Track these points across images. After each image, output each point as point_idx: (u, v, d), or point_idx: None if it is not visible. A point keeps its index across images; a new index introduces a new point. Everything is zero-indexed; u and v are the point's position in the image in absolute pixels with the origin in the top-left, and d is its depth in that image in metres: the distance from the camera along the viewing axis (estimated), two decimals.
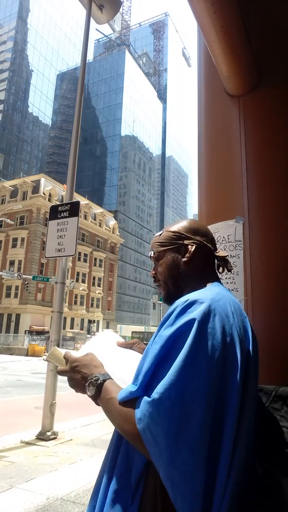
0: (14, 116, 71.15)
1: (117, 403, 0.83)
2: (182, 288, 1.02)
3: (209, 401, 0.74)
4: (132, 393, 0.80)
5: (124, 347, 1.12)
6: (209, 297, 0.84)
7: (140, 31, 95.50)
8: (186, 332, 0.78)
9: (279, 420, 1.07)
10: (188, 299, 0.83)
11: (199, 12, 1.48)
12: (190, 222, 1.09)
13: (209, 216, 1.90)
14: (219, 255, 1.06)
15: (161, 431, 0.72)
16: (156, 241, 1.09)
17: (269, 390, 1.18)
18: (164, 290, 1.06)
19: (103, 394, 0.87)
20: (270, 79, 1.76)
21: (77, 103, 6.49)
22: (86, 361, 0.95)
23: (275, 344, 1.54)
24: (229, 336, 0.80)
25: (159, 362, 0.78)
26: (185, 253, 1.02)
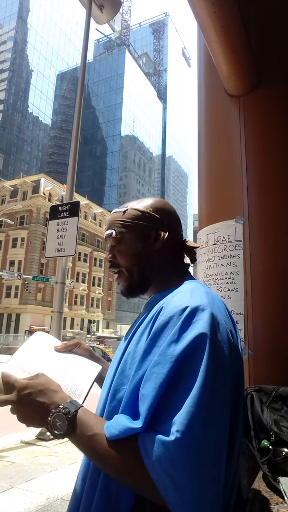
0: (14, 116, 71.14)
1: (106, 441, 0.65)
2: (150, 279, 0.88)
3: (227, 426, 0.65)
4: (133, 430, 0.64)
5: (64, 351, 0.95)
6: (205, 301, 0.71)
7: (140, 31, 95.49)
8: (198, 349, 0.64)
9: (279, 420, 1.07)
10: (188, 306, 0.69)
11: (199, 12, 1.48)
12: (161, 202, 0.93)
13: (209, 216, 1.90)
14: (190, 246, 0.92)
15: (185, 474, 0.59)
16: (119, 220, 0.90)
17: (269, 390, 1.18)
18: (126, 280, 0.89)
19: (80, 431, 0.68)
20: (270, 79, 1.76)
21: (77, 103, 6.49)
22: (41, 386, 0.73)
23: (275, 344, 1.55)
24: (231, 346, 0.71)
25: (170, 388, 0.64)
26: (155, 239, 0.87)
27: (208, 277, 1.80)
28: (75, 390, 0.79)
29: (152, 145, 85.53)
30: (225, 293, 1.68)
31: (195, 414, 0.60)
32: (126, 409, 0.70)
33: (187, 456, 0.59)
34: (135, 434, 0.64)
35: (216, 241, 1.77)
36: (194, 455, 0.59)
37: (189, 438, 0.59)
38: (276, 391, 1.17)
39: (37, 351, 0.91)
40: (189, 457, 0.59)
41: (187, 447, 0.59)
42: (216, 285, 1.73)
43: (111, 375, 0.78)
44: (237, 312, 1.63)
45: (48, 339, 0.98)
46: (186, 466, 0.59)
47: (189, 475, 0.58)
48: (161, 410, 0.63)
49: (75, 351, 0.97)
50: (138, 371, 0.69)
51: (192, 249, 0.93)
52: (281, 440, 1.01)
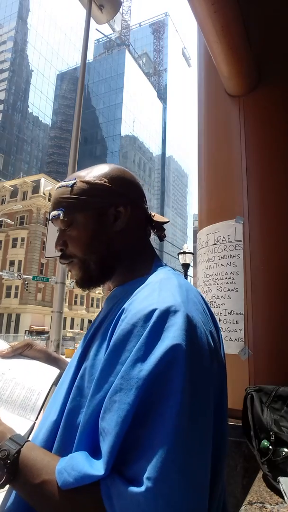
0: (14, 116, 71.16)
1: (57, 490, 0.49)
2: (112, 269, 0.72)
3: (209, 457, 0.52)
4: (94, 478, 0.48)
5: (10, 356, 0.80)
6: (178, 299, 0.56)
7: (140, 31, 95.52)
8: (171, 366, 0.50)
9: (279, 420, 1.07)
10: (155, 309, 0.54)
11: (199, 12, 1.48)
12: (119, 170, 0.73)
13: (209, 216, 1.90)
14: (158, 221, 0.75)
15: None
16: (66, 197, 0.70)
17: (269, 390, 1.18)
18: (81, 270, 0.71)
19: (24, 478, 0.51)
20: (270, 79, 1.76)
21: (77, 103, 6.49)
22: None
23: (275, 344, 1.55)
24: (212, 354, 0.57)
25: (137, 421, 0.49)
26: (116, 218, 0.70)
27: (208, 277, 1.80)
28: (26, 406, 0.67)
29: (152, 145, 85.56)
30: (225, 293, 1.68)
31: (171, 454, 0.46)
32: (83, 442, 0.54)
33: (164, 507, 0.45)
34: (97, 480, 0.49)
35: (216, 241, 1.77)
36: (172, 507, 0.45)
37: (164, 487, 0.45)
38: (276, 391, 1.17)
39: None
40: (166, 508, 0.45)
41: (163, 497, 0.45)
42: (216, 285, 1.73)
43: (65, 389, 0.63)
44: (237, 312, 1.63)
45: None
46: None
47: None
48: (128, 448, 0.49)
49: (26, 354, 0.82)
50: (96, 395, 0.54)
51: (160, 225, 0.76)
52: (281, 440, 1.01)
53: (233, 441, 1.37)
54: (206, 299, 1.76)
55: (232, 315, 1.64)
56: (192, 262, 12.93)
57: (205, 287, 1.81)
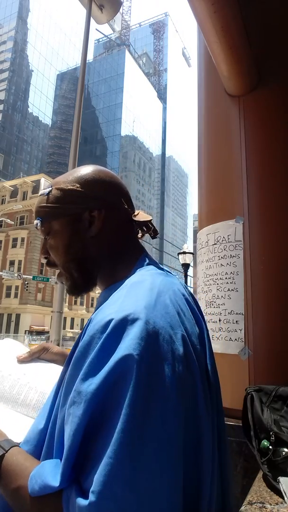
0: (14, 116, 71.18)
1: (28, 497, 0.51)
2: (92, 274, 0.70)
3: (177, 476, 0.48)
4: (50, 488, 0.49)
5: (28, 361, 0.82)
6: (141, 304, 0.54)
7: (140, 31, 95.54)
8: (122, 379, 0.48)
9: (279, 420, 1.07)
10: (112, 319, 0.52)
11: (199, 12, 1.48)
12: (94, 171, 0.71)
13: (209, 216, 1.90)
14: (139, 221, 0.72)
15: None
16: (42, 205, 0.70)
17: (269, 390, 1.18)
18: (66, 279, 0.71)
19: (5, 481, 0.54)
20: (270, 79, 1.76)
21: (77, 103, 6.49)
22: None
23: (275, 344, 1.55)
24: (181, 362, 0.53)
25: (88, 435, 0.49)
26: (90, 223, 0.68)
27: (208, 277, 1.80)
28: (39, 409, 0.69)
29: (152, 145, 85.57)
30: (225, 293, 1.68)
31: (114, 468, 0.44)
32: (58, 450, 0.55)
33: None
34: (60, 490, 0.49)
35: (216, 241, 1.77)
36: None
37: (108, 502, 0.44)
38: (276, 391, 1.17)
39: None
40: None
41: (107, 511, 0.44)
42: (216, 285, 1.73)
43: (52, 396, 0.63)
44: (237, 312, 1.63)
45: (11, 348, 0.85)
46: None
47: None
48: (83, 461, 0.49)
49: (43, 357, 0.83)
50: (63, 407, 0.55)
51: (144, 223, 0.72)
52: (281, 440, 1.01)
53: (233, 441, 1.37)
54: (206, 299, 1.76)
55: (232, 315, 1.64)
56: (192, 262, 12.94)
57: (205, 287, 1.81)
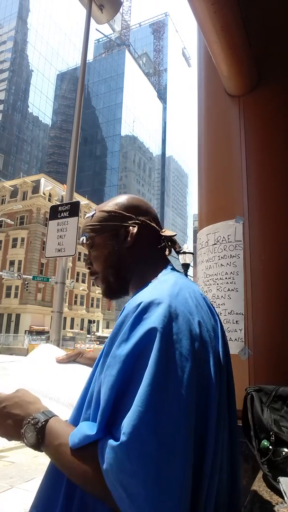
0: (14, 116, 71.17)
1: (69, 450, 0.62)
2: (126, 279, 0.85)
3: (190, 427, 0.59)
4: (90, 437, 0.60)
5: (66, 362, 0.95)
6: (165, 293, 0.67)
7: (140, 31, 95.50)
8: (147, 346, 0.60)
9: (279, 420, 1.07)
10: (141, 302, 0.65)
11: (199, 12, 1.48)
12: (129, 198, 0.90)
13: (209, 216, 1.90)
14: (166, 235, 0.87)
15: (138, 482, 0.54)
16: (88, 225, 0.88)
17: (269, 390, 1.18)
18: (103, 283, 0.87)
19: (48, 441, 0.65)
20: (270, 79, 1.76)
21: (77, 103, 6.49)
22: (17, 399, 0.73)
23: (275, 344, 1.55)
24: (197, 340, 0.65)
25: (121, 391, 0.60)
26: (126, 237, 0.84)
27: (208, 277, 1.80)
28: (71, 404, 0.77)
29: (152, 145, 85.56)
30: (225, 293, 1.68)
31: (142, 415, 0.55)
32: (94, 415, 0.65)
33: (136, 461, 0.54)
34: (96, 440, 0.60)
35: (216, 241, 1.77)
36: (144, 461, 0.54)
37: (135, 441, 0.54)
38: (276, 391, 1.17)
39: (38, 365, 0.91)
40: (138, 462, 0.54)
41: (135, 451, 0.54)
42: (216, 285, 1.73)
43: (89, 379, 0.73)
44: (237, 312, 1.63)
45: (51, 351, 0.98)
46: (136, 472, 0.54)
47: (142, 483, 0.54)
48: (115, 413, 0.60)
49: (78, 361, 0.97)
50: (100, 375, 0.66)
51: (169, 238, 0.88)
52: (281, 440, 1.01)
53: None
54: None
55: (232, 315, 1.63)
56: (192, 262, 12.93)
57: (205, 287, 1.81)
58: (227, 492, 0.70)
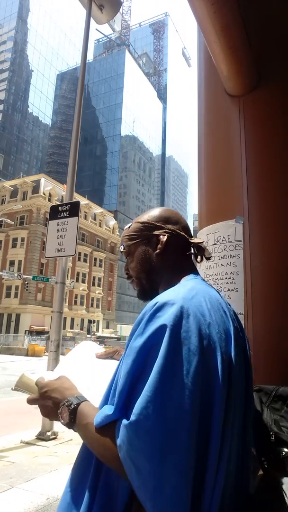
0: (14, 116, 71.18)
1: (94, 429, 0.73)
2: (156, 282, 0.96)
3: (194, 414, 0.66)
4: (109, 417, 0.71)
5: (104, 357, 1.06)
6: (180, 296, 0.76)
7: (140, 31, 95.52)
8: (158, 340, 0.69)
9: (279, 420, 1.07)
10: (157, 302, 0.75)
11: (199, 12, 1.48)
12: (161, 210, 1.01)
13: (209, 216, 1.90)
14: (193, 242, 0.97)
15: (143, 457, 0.63)
16: (125, 235, 1.01)
17: (269, 390, 1.18)
18: (137, 286, 0.99)
19: (78, 420, 0.77)
20: (270, 79, 1.76)
21: (77, 103, 6.49)
22: (56, 385, 0.86)
23: (275, 344, 1.55)
24: (206, 339, 0.72)
25: (135, 377, 0.70)
26: (156, 245, 0.94)
27: (208, 277, 1.80)
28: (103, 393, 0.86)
29: (152, 145, 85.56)
30: (225, 293, 1.68)
31: (150, 398, 0.64)
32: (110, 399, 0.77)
33: (143, 438, 0.63)
34: (115, 420, 0.70)
35: (216, 241, 1.77)
36: (149, 438, 0.63)
37: (143, 421, 0.64)
38: (276, 391, 1.17)
39: (79, 358, 1.03)
40: (144, 439, 0.63)
41: (142, 429, 0.64)
42: (216, 285, 1.73)
43: (115, 372, 0.82)
44: (237, 312, 1.63)
45: (92, 347, 1.10)
46: (143, 448, 0.63)
47: (147, 458, 0.63)
48: (131, 398, 0.69)
49: (115, 358, 1.07)
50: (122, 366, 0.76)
51: (196, 245, 0.97)
52: (281, 440, 1.01)
53: None
54: None
55: None
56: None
57: None
58: (235, 479, 0.76)
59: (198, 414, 0.67)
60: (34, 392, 0.89)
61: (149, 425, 0.64)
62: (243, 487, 0.80)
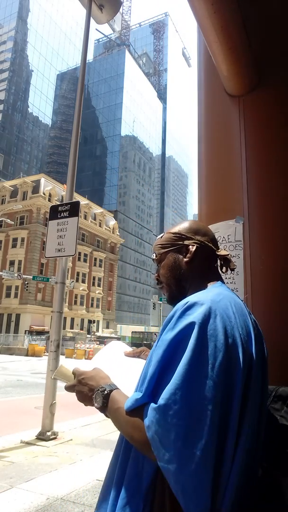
0: (14, 116, 71.17)
1: (124, 412, 0.81)
2: (185, 288, 1.02)
3: (216, 403, 0.73)
4: (138, 401, 0.79)
5: (132, 356, 1.13)
6: (209, 298, 0.83)
7: (140, 31, 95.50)
8: (187, 335, 0.77)
9: (279, 420, 1.07)
10: (188, 302, 0.83)
11: (199, 12, 1.48)
12: (191, 223, 1.09)
13: (209, 216, 1.90)
14: (220, 254, 1.05)
15: (170, 437, 0.71)
16: (158, 244, 1.10)
17: (269, 390, 1.18)
18: (167, 291, 1.07)
19: (110, 405, 0.86)
20: (270, 79, 1.76)
21: (77, 103, 6.49)
22: (92, 373, 0.96)
23: (275, 344, 1.54)
24: (231, 337, 0.80)
25: (164, 366, 0.78)
26: (186, 254, 1.02)
27: None
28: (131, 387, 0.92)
29: (152, 145, 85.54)
30: None
31: (178, 386, 0.72)
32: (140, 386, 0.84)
33: (170, 420, 0.71)
34: (143, 405, 0.78)
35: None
36: (176, 420, 0.71)
37: (171, 405, 0.72)
38: (276, 391, 1.17)
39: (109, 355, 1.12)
40: (172, 421, 0.71)
41: (170, 411, 0.71)
42: None
43: (145, 366, 0.89)
44: None
45: (121, 346, 1.19)
46: (170, 429, 0.71)
47: (173, 437, 0.70)
48: (160, 385, 0.77)
49: (142, 357, 1.14)
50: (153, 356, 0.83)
51: (223, 257, 1.05)
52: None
53: None
54: None
55: None
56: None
57: None
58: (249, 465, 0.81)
59: (220, 402, 0.74)
60: (71, 381, 0.99)
61: (177, 409, 0.71)
62: (254, 474, 0.85)
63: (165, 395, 0.73)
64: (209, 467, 0.71)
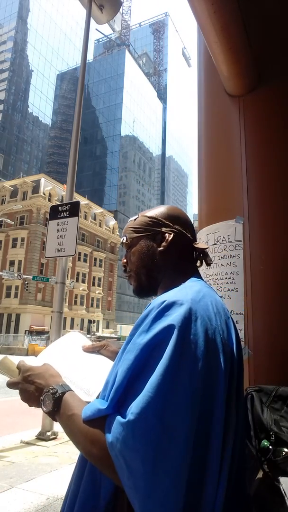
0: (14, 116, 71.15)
1: (81, 421, 0.70)
2: (156, 280, 0.93)
3: (193, 419, 0.64)
4: (101, 411, 0.67)
5: (90, 351, 1.01)
6: (189, 297, 0.73)
7: (140, 31, 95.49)
8: (164, 340, 0.66)
9: (279, 420, 1.07)
10: (165, 300, 0.72)
11: (199, 12, 1.48)
12: (169, 208, 0.98)
13: (209, 216, 1.90)
14: (198, 247, 0.95)
15: (137, 458, 0.60)
16: (130, 226, 0.97)
17: (269, 390, 1.18)
18: (135, 281, 0.95)
19: (62, 410, 0.74)
20: (270, 79, 1.76)
21: (77, 103, 6.49)
22: (40, 370, 0.83)
23: (275, 344, 1.55)
24: (212, 343, 0.71)
25: (134, 374, 0.67)
26: (161, 242, 0.92)
27: (208, 277, 1.80)
28: (88, 390, 0.83)
29: (152, 145, 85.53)
30: (225, 293, 1.68)
31: (151, 399, 0.61)
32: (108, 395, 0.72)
33: (139, 439, 0.60)
34: (105, 416, 0.67)
35: (216, 241, 1.77)
36: (145, 440, 0.60)
37: (142, 422, 0.60)
38: (276, 391, 1.17)
39: (64, 349, 0.98)
40: (140, 440, 0.60)
41: (139, 430, 0.60)
42: (216, 285, 1.73)
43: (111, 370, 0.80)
44: (237, 312, 1.63)
45: (79, 339, 1.05)
46: (138, 449, 0.60)
47: (141, 459, 0.60)
48: (127, 395, 0.66)
49: (101, 352, 1.03)
50: (119, 362, 0.72)
51: (202, 250, 0.95)
52: (281, 440, 1.01)
53: None
54: None
55: (232, 315, 1.63)
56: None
57: None
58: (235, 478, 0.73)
59: (198, 419, 0.65)
60: (15, 376, 0.87)
61: (147, 428, 0.60)
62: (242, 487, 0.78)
63: (135, 409, 0.61)
64: (180, 491, 0.61)
